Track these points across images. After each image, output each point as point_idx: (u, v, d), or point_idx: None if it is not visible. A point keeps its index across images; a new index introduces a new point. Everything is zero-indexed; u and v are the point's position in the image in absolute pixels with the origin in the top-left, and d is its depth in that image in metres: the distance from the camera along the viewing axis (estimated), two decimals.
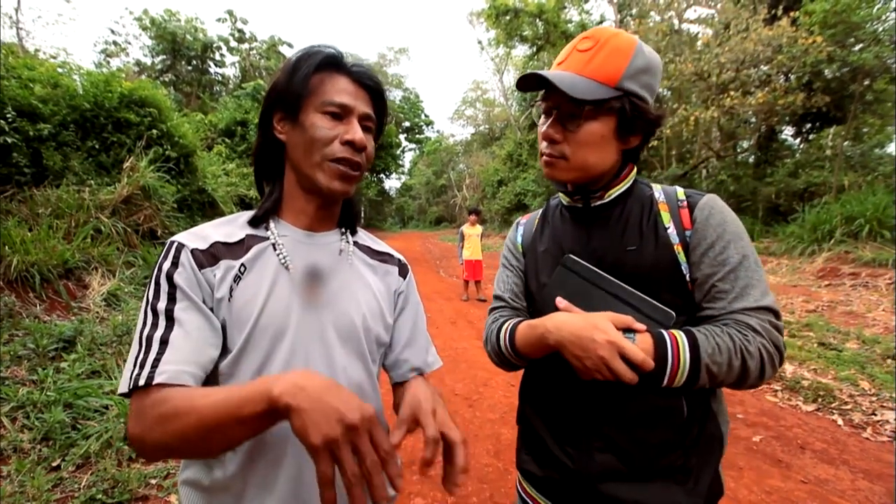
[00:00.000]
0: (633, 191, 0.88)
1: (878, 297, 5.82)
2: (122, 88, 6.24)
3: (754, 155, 13.59)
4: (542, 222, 1.00)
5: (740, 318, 0.73)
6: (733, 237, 0.78)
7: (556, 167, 0.84)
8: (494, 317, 0.99)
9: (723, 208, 0.81)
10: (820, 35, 9.25)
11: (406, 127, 39.42)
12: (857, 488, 2.26)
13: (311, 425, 0.50)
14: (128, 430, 0.61)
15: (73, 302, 4.01)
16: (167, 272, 0.67)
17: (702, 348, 0.71)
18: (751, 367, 0.71)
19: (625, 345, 0.70)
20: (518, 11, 16.24)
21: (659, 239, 0.81)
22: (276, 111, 0.76)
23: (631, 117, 0.79)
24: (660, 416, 0.79)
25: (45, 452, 2.31)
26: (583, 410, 0.84)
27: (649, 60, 0.79)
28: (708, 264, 0.77)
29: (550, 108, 0.84)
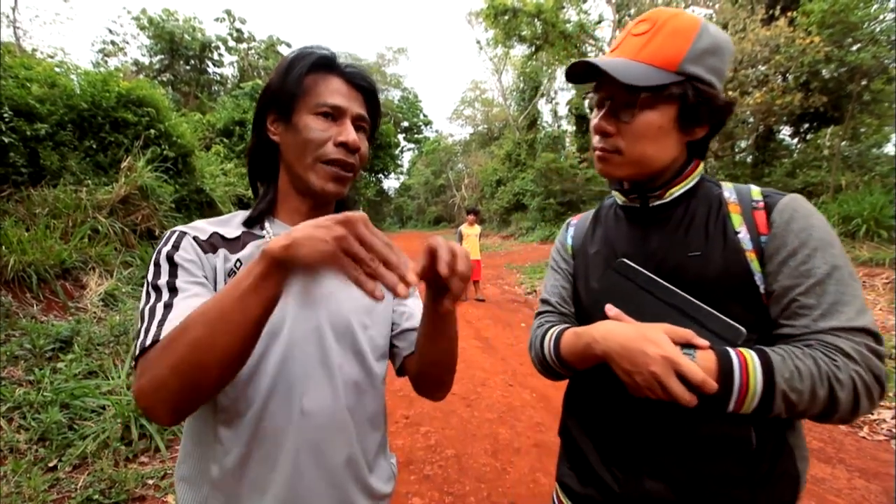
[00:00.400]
0: (698, 189, 0.79)
1: (875, 297, 5.84)
2: (120, 88, 6.22)
3: (752, 155, 13.63)
4: (595, 223, 0.92)
5: (828, 339, 0.62)
6: (821, 245, 0.67)
7: (610, 162, 0.77)
8: (540, 322, 0.93)
9: (809, 211, 0.70)
10: (818, 35, 9.27)
11: (405, 127, 39.43)
12: (854, 487, 2.27)
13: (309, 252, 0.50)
14: (134, 391, 0.56)
15: (70, 302, 4.00)
16: (167, 254, 0.68)
17: (777, 371, 0.61)
18: (840, 398, 0.60)
19: (682, 361, 0.61)
20: (516, 11, 16.24)
21: (728, 244, 0.71)
22: (269, 112, 0.76)
23: (695, 104, 0.71)
24: (723, 446, 0.69)
25: (42, 453, 2.31)
26: (633, 431, 0.76)
27: (716, 40, 0.71)
28: (788, 275, 0.67)
29: (603, 100, 0.77)
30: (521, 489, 2.33)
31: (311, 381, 0.71)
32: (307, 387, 0.71)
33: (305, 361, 0.72)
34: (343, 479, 0.74)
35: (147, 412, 0.56)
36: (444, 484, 2.37)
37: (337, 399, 0.73)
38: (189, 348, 0.53)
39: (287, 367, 0.70)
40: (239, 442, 0.68)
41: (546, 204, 18.93)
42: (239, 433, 0.68)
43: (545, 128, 25.34)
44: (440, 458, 2.64)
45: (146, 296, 0.65)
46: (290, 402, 0.70)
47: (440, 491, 2.32)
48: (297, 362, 0.71)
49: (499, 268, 11.65)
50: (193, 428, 0.73)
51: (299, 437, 0.70)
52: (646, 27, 0.72)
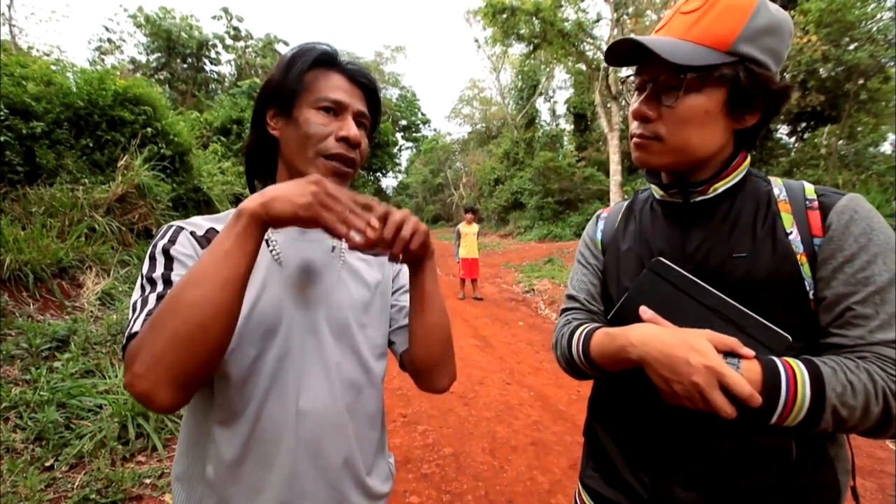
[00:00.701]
0: (745, 185, 0.73)
1: None
2: (117, 86, 6.18)
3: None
4: (627, 216, 0.87)
5: (885, 351, 0.58)
6: (882, 250, 0.62)
7: (649, 150, 0.71)
8: (567, 319, 0.88)
9: (869, 213, 0.65)
10: (815, 34, 9.30)
11: (403, 125, 39.39)
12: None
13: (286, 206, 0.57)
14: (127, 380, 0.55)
15: (66, 301, 3.98)
16: (163, 247, 0.68)
17: (828, 385, 0.57)
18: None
19: (727, 372, 0.57)
20: (515, 10, 16.21)
21: (777, 246, 0.66)
22: (269, 107, 0.76)
23: (747, 88, 0.65)
24: (761, 458, 0.66)
25: (38, 452, 2.30)
26: (664, 437, 0.73)
27: (776, 19, 0.65)
28: (843, 282, 0.62)
29: (645, 83, 0.71)
30: (518, 487, 2.33)
31: (309, 381, 0.71)
32: (304, 386, 0.71)
33: (303, 360, 0.71)
34: (340, 479, 0.74)
35: (145, 398, 0.53)
36: (442, 482, 2.38)
37: (334, 398, 0.73)
38: (181, 313, 0.54)
39: (284, 366, 0.70)
40: (235, 442, 0.68)
41: (544, 203, 18.95)
42: (235, 433, 0.68)
43: (543, 126, 25.36)
44: (438, 456, 2.64)
45: (140, 288, 0.65)
46: (287, 402, 0.69)
47: (438, 489, 2.32)
48: (295, 361, 0.71)
49: (497, 266, 11.66)
50: (189, 427, 0.73)
51: (296, 437, 0.70)
52: (697, 3, 0.66)
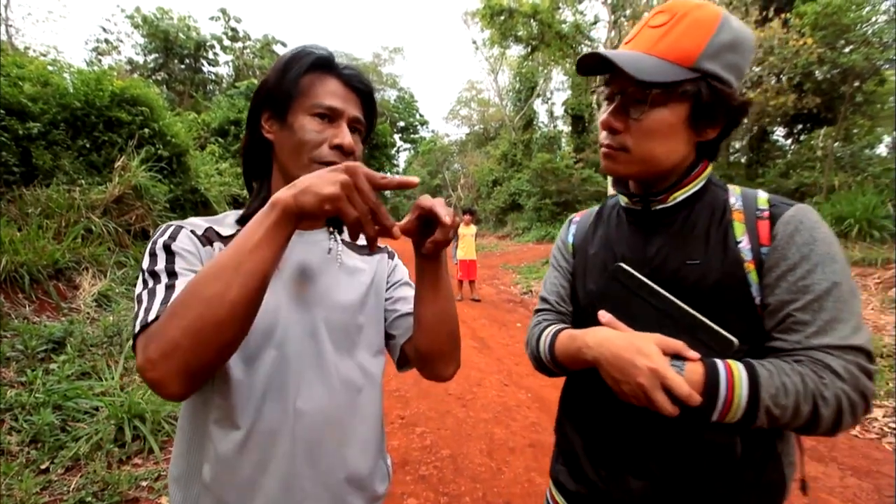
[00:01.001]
0: (703, 193, 0.76)
1: (868, 296, 5.89)
2: (114, 87, 6.17)
3: (746, 155, 13.73)
4: (596, 222, 0.90)
5: (819, 356, 0.62)
6: (822, 259, 0.65)
7: (616, 160, 0.74)
8: (537, 320, 0.93)
9: (814, 224, 0.67)
10: (811, 37, 9.35)
11: (401, 127, 39.40)
12: (846, 485, 2.29)
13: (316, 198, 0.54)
14: (139, 365, 0.54)
15: (63, 303, 3.97)
16: (164, 243, 0.67)
17: (763, 387, 0.61)
18: (824, 415, 0.60)
19: (668, 375, 0.61)
20: (512, 12, 16.26)
21: (727, 253, 0.70)
22: (264, 110, 0.76)
23: (709, 103, 0.68)
24: (707, 453, 0.70)
25: (34, 455, 2.29)
26: (621, 432, 0.77)
27: (738, 35, 0.67)
28: (786, 290, 0.66)
29: (613, 94, 0.74)
30: (516, 489, 2.33)
31: (306, 381, 0.71)
32: (302, 387, 0.71)
33: (300, 361, 0.71)
34: (338, 480, 0.74)
35: (156, 384, 0.53)
36: (440, 484, 2.37)
37: (332, 398, 0.73)
38: (203, 304, 0.52)
39: (281, 367, 0.70)
40: (232, 441, 0.68)
41: (542, 204, 18.97)
42: (232, 434, 0.68)
43: (541, 128, 25.42)
44: (435, 458, 2.64)
45: (143, 282, 0.64)
46: (285, 402, 0.69)
47: (435, 491, 2.32)
48: (292, 362, 0.71)
49: (495, 268, 11.66)
50: (186, 427, 0.73)
51: (294, 437, 0.69)
52: (664, 18, 0.69)
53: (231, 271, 0.53)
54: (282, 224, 0.55)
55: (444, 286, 0.76)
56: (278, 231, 0.55)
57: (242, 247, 0.54)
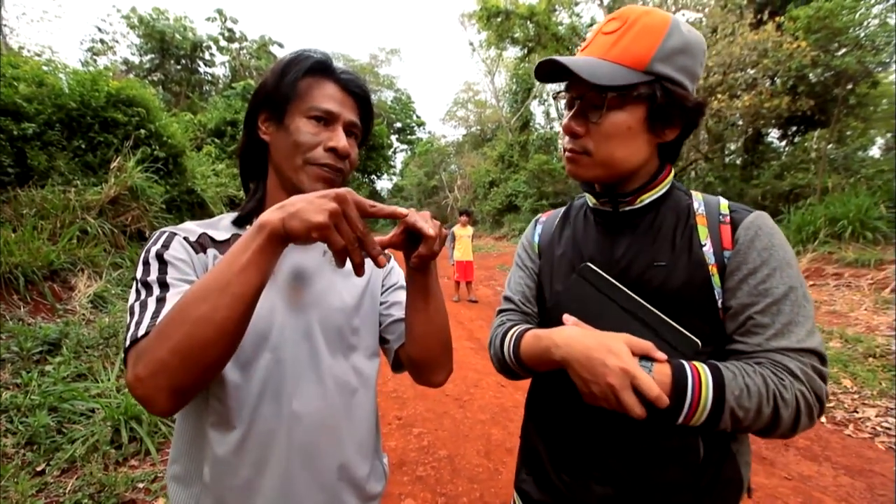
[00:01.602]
0: (668, 197, 0.78)
1: (861, 297, 5.95)
2: (110, 87, 6.15)
3: (741, 157, 13.82)
4: (563, 223, 0.91)
5: (778, 358, 0.64)
6: (780, 264, 0.68)
7: (579, 164, 0.75)
8: (501, 320, 0.91)
9: (772, 230, 0.70)
10: (804, 40, 9.44)
11: (397, 128, 39.40)
12: (839, 484, 2.31)
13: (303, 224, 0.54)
14: (129, 381, 0.55)
15: (58, 304, 3.95)
16: (157, 252, 0.68)
17: (728, 388, 0.62)
18: (783, 416, 0.62)
19: (639, 375, 0.61)
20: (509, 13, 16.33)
21: (692, 256, 0.71)
22: (261, 112, 0.77)
23: (664, 105, 0.69)
24: (671, 455, 0.70)
25: (30, 457, 2.28)
26: (585, 436, 0.77)
27: (688, 39, 0.69)
28: (746, 293, 0.68)
29: (573, 99, 0.75)
30: (513, 490, 2.34)
31: (302, 383, 0.72)
32: (297, 389, 0.71)
33: (295, 364, 0.72)
34: (334, 481, 0.75)
35: (145, 401, 0.54)
36: (437, 485, 2.38)
37: (328, 400, 0.74)
38: (190, 325, 0.53)
39: (277, 369, 0.71)
40: (229, 444, 0.68)
41: (539, 205, 19.01)
42: (230, 436, 0.68)
43: (538, 129, 25.46)
44: (433, 459, 2.64)
45: (135, 293, 0.65)
46: (281, 405, 0.70)
47: (433, 492, 2.32)
48: (288, 365, 0.71)
49: (491, 269, 11.68)
50: (185, 429, 0.73)
51: (290, 439, 0.70)
52: (616, 25, 0.71)
53: (218, 293, 0.53)
54: (269, 247, 0.55)
55: (434, 298, 0.77)
56: (265, 253, 0.55)
57: (229, 268, 0.55)
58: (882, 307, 5.45)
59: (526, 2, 16.22)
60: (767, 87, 10.44)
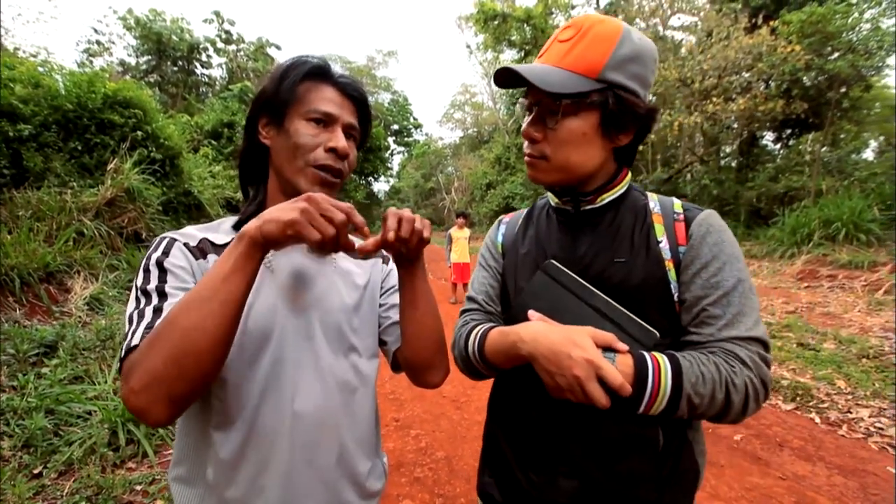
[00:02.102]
0: (626, 197, 0.81)
1: (855, 299, 6.00)
2: (106, 89, 6.14)
3: (736, 160, 13.92)
4: (526, 223, 0.93)
5: (728, 347, 0.68)
6: (730, 259, 0.72)
7: (538, 168, 0.78)
8: (465, 320, 0.92)
9: (721, 227, 0.75)
10: (798, 44, 9.54)
11: (394, 130, 39.38)
12: (833, 484, 2.34)
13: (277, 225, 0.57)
14: (124, 393, 0.56)
15: (54, 306, 3.93)
16: (157, 259, 0.68)
17: (685, 376, 0.65)
18: (735, 401, 0.65)
19: (603, 365, 0.63)
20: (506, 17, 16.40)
21: (650, 253, 0.75)
22: (261, 117, 0.78)
23: (616, 112, 0.71)
24: (634, 446, 0.72)
25: (27, 460, 2.27)
26: (551, 432, 0.77)
27: (639, 47, 0.72)
28: (700, 286, 0.72)
29: (531, 105, 0.78)
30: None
31: (303, 383, 0.73)
32: (299, 388, 0.73)
33: (296, 364, 0.73)
34: (335, 478, 0.76)
35: (140, 413, 0.55)
36: (435, 486, 2.39)
37: (328, 399, 0.75)
38: (181, 335, 0.55)
39: (278, 369, 0.72)
40: (232, 444, 0.69)
41: None
42: (232, 436, 0.69)
43: None
44: (430, 460, 2.65)
45: (135, 300, 0.65)
46: (282, 404, 0.71)
47: (431, 493, 2.33)
48: (289, 365, 0.72)
49: None
50: (187, 431, 0.74)
51: (292, 438, 0.71)
52: (571, 33, 0.72)
53: (206, 302, 0.56)
54: (249, 254, 0.59)
55: (424, 300, 0.79)
56: (247, 261, 0.59)
57: (215, 278, 0.58)
58: (875, 309, 5.50)
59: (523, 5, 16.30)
60: (762, 90, 10.54)
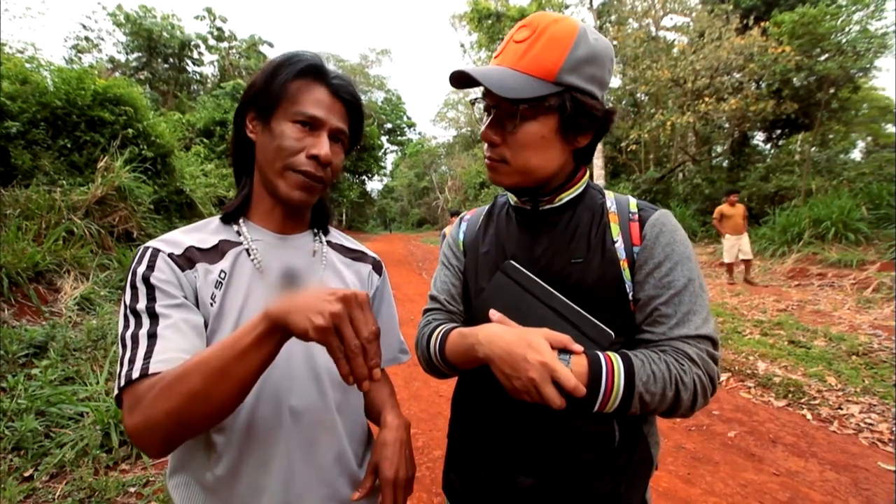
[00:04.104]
0: (584, 196, 0.81)
1: (844, 297, 6.09)
2: (96, 86, 6.06)
3: (728, 159, 14.06)
4: (487, 221, 0.92)
5: (679, 345, 0.69)
6: (681, 259, 0.73)
7: (498, 171, 0.77)
8: (427, 319, 0.91)
9: (674, 227, 0.76)
10: (788, 45, 9.66)
11: (388, 129, 39.29)
12: (825, 479, 2.37)
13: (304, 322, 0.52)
14: (126, 426, 0.58)
15: (44, 306, 3.87)
16: (143, 275, 0.66)
17: (637, 376, 0.66)
18: (683, 398, 0.67)
19: (557, 368, 0.62)
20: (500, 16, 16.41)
21: (606, 253, 0.75)
22: (249, 110, 0.76)
23: (574, 115, 0.70)
24: (590, 441, 0.74)
25: (17, 462, 2.24)
26: (510, 430, 0.78)
27: (594, 49, 0.69)
28: (653, 286, 0.72)
29: (490, 107, 0.75)
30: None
31: (297, 382, 0.73)
32: (293, 387, 0.72)
33: (290, 363, 0.72)
34: (333, 475, 0.76)
35: (139, 447, 0.58)
36: (433, 485, 2.38)
37: (324, 397, 0.75)
38: (186, 398, 0.55)
39: (273, 369, 0.70)
40: (232, 447, 0.68)
41: None
42: (231, 439, 0.68)
43: None
44: (428, 459, 2.65)
45: (125, 320, 0.64)
46: (279, 404, 0.71)
47: (428, 492, 2.33)
48: (282, 364, 0.71)
49: None
50: None
51: (290, 438, 0.71)
52: (526, 34, 0.70)
53: (218, 374, 0.55)
54: (270, 338, 0.56)
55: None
56: (265, 343, 0.56)
57: (229, 350, 0.55)
58: (864, 306, 5.59)
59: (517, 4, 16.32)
60: (753, 90, 10.66)
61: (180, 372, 0.56)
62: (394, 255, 14.91)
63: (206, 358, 0.56)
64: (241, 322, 0.69)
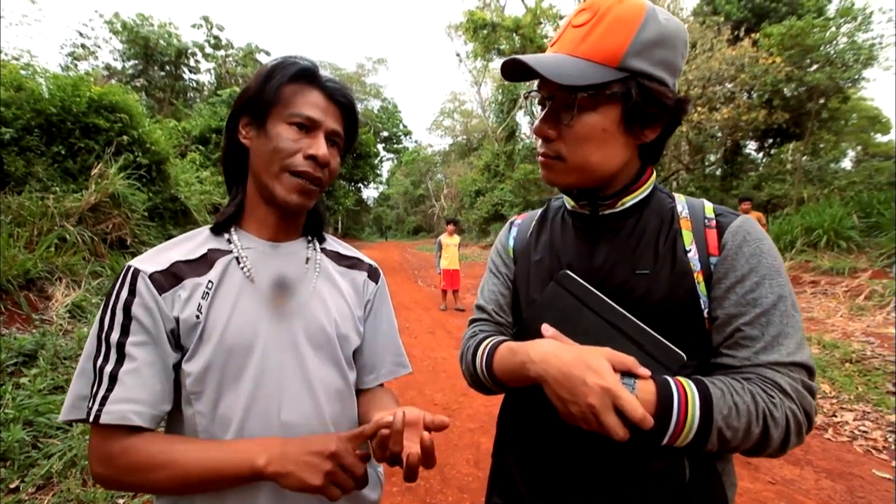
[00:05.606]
0: (651, 200, 0.72)
1: (837, 304, 6.13)
2: (92, 93, 6.04)
3: (721, 168, 14.23)
4: (540, 226, 0.84)
5: (767, 373, 0.59)
6: (769, 272, 0.63)
7: (554, 169, 0.70)
8: (473, 331, 0.85)
9: (760, 235, 0.66)
10: (778, 56, 9.83)
11: (384, 137, 39.40)
12: (821, 487, 2.37)
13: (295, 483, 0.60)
14: (92, 468, 0.63)
15: (34, 314, 3.82)
16: (124, 302, 0.65)
17: (716, 407, 0.57)
18: (773, 436, 0.57)
19: (622, 395, 0.55)
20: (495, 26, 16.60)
21: (677, 264, 0.66)
22: (243, 116, 0.75)
23: (641, 104, 0.63)
24: (656, 478, 0.65)
25: (3, 473, 2.19)
26: (563, 459, 0.71)
27: (665, 30, 0.62)
28: (734, 302, 0.63)
29: (545, 100, 0.69)
30: None
31: (289, 394, 0.71)
32: (285, 399, 0.71)
33: (282, 374, 0.71)
34: None
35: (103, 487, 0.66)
36: (427, 495, 2.36)
37: (317, 408, 0.74)
38: (152, 484, 0.63)
39: (263, 381, 0.70)
40: None
41: None
42: None
43: (523, 139, 25.79)
44: (422, 469, 2.62)
45: (97, 342, 0.65)
46: (269, 416, 0.69)
47: (423, 502, 2.30)
48: (274, 375, 0.71)
49: (478, 278, 11.70)
50: None
51: None
52: (586, 17, 0.63)
53: (191, 484, 0.62)
54: (252, 480, 0.63)
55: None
56: (245, 481, 0.63)
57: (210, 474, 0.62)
58: (856, 314, 5.63)
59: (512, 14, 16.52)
60: (745, 100, 10.81)
61: (158, 462, 0.62)
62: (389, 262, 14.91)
63: (185, 467, 0.62)
64: (230, 335, 0.69)
